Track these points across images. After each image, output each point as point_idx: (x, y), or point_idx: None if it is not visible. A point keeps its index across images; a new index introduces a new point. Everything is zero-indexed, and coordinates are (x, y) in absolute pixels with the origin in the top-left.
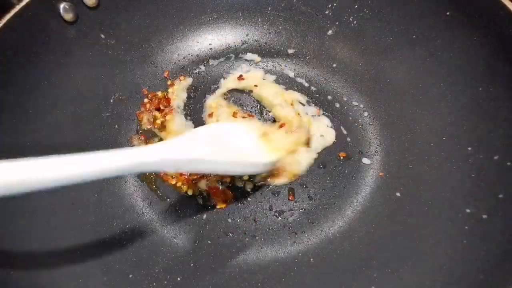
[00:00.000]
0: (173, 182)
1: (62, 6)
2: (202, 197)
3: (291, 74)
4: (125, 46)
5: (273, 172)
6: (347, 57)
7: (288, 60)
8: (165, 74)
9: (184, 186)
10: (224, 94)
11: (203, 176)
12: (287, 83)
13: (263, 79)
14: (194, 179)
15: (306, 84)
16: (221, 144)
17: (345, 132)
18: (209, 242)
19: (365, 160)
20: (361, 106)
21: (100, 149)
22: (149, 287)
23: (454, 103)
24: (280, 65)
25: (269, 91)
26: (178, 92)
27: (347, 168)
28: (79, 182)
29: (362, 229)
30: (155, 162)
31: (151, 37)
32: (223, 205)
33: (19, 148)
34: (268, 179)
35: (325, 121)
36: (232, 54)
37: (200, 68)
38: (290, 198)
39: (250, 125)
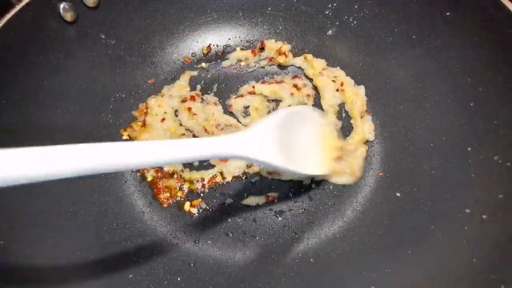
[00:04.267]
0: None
1: (62, 6)
2: (198, 195)
3: (291, 74)
4: (125, 46)
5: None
6: (347, 57)
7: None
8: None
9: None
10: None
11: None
12: None
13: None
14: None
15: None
16: (288, 146)
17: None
18: (209, 242)
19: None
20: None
21: None
22: (149, 287)
23: (454, 103)
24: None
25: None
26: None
27: None
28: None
29: (362, 229)
30: (227, 154)
31: (151, 37)
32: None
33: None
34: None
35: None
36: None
37: (200, 68)
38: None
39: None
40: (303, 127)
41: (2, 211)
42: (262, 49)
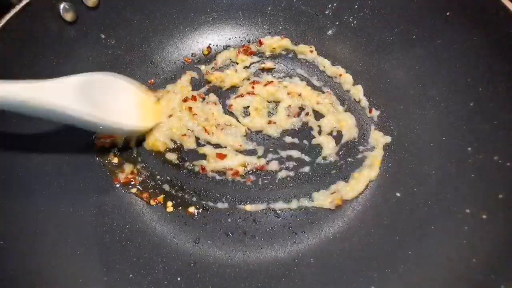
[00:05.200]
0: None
1: (62, 6)
2: (198, 195)
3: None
4: (125, 46)
5: None
6: (347, 57)
7: (288, 60)
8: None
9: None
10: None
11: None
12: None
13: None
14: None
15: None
16: (95, 97)
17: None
18: (209, 242)
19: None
20: (361, 106)
21: (100, 148)
22: (149, 287)
23: (454, 103)
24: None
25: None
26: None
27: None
28: None
29: (362, 229)
30: (15, 100)
31: (151, 37)
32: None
33: (19, 148)
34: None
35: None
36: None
37: (200, 68)
38: None
39: (132, 82)
40: (114, 89)
41: (2, 211)
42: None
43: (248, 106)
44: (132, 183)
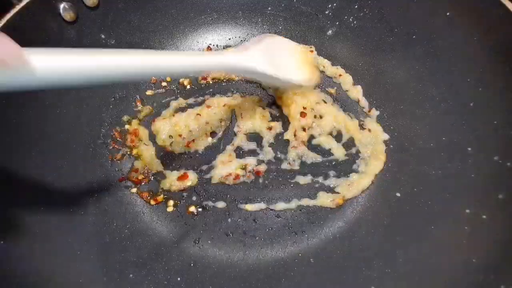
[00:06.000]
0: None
1: (62, 6)
2: (198, 195)
3: None
4: (125, 46)
5: None
6: (347, 57)
7: None
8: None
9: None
10: None
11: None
12: None
13: None
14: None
15: None
16: (275, 60)
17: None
18: (209, 242)
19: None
20: (361, 106)
21: (101, 148)
22: (149, 287)
23: (454, 103)
24: None
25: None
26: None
27: None
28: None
29: (362, 229)
30: (227, 66)
31: (151, 37)
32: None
33: (18, 147)
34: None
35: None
36: None
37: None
38: None
39: (294, 45)
40: (282, 49)
41: (1, 211)
42: None
43: None
44: (143, 184)
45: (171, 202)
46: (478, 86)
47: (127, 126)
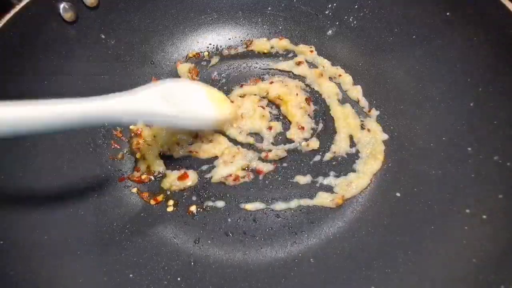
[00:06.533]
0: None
1: (62, 6)
2: (198, 195)
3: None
4: (125, 46)
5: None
6: (347, 57)
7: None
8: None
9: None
10: None
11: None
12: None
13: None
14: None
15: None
16: (175, 99)
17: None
18: (209, 242)
19: None
20: (361, 106)
21: (101, 148)
22: (149, 287)
23: (454, 103)
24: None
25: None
26: None
27: None
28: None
29: (362, 229)
30: (116, 112)
31: (151, 37)
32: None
33: (18, 147)
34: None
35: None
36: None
37: (200, 68)
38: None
39: (198, 84)
40: (184, 88)
41: (1, 211)
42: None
43: None
44: (146, 183)
45: (171, 202)
46: (478, 86)
47: (131, 126)
